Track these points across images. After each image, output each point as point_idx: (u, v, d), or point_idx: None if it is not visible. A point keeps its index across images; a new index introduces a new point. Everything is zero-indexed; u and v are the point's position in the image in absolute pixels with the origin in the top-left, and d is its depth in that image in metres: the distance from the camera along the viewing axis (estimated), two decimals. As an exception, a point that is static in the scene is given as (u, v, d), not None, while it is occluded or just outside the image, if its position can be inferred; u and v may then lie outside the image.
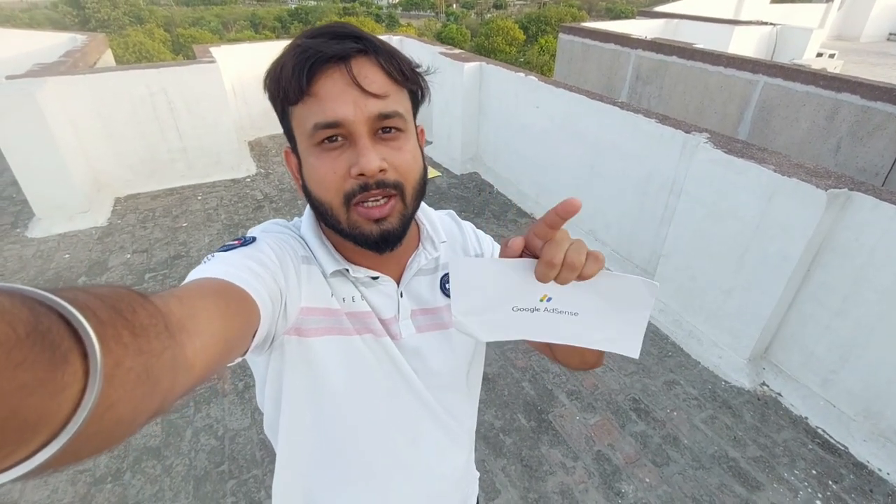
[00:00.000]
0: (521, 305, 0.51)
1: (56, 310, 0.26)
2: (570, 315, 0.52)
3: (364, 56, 0.56)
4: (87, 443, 0.27)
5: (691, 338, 2.72)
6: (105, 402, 0.26)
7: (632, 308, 0.51)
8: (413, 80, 0.60)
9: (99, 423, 0.27)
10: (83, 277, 3.22)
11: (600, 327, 0.52)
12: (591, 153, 3.38)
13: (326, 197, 0.58)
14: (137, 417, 0.30)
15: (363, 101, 0.55)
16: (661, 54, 5.62)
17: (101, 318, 0.27)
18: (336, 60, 0.54)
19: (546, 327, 0.52)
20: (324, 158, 0.57)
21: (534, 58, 23.35)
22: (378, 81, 0.56)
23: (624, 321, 0.52)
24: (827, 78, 4.13)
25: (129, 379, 0.28)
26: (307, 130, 0.56)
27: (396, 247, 0.62)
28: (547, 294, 0.51)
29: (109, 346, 0.27)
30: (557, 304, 0.51)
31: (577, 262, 0.46)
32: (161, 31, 29.63)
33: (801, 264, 2.17)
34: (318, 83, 0.54)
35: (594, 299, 0.51)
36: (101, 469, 1.99)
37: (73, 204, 3.74)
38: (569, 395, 2.39)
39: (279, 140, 5.59)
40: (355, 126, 0.55)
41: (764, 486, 1.99)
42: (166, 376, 0.32)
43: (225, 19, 44.10)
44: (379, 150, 0.57)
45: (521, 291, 0.50)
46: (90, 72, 3.92)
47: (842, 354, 2.17)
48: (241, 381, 2.43)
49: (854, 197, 2.02)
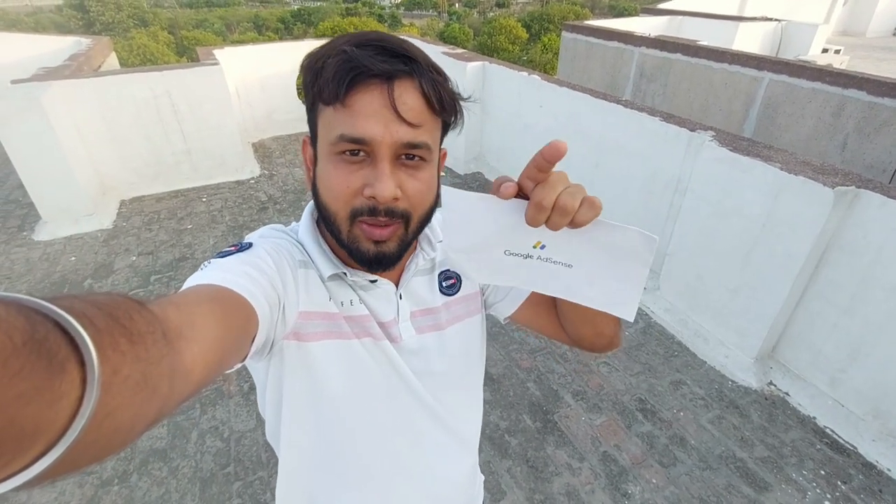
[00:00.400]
0: (513, 250, 0.49)
1: (53, 318, 0.26)
2: (563, 266, 0.50)
3: (409, 78, 0.54)
4: (85, 451, 0.26)
5: (697, 337, 2.70)
6: (103, 410, 0.26)
7: (629, 264, 0.49)
8: (451, 112, 0.59)
9: (97, 432, 0.26)
10: (89, 280, 3.24)
11: (595, 282, 0.50)
12: (596, 152, 3.37)
13: (334, 206, 0.58)
14: (136, 425, 0.30)
15: (395, 126, 0.54)
16: (664, 52, 5.59)
17: (98, 326, 0.27)
18: (380, 78, 0.53)
19: (538, 277, 0.51)
20: (341, 169, 0.56)
21: (537, 56, 23.32)
22: (416, 109, 0.54)
23: (620, 278, 0.50)
24: (833, 74, 4.09)
25: (126, 386, 0.28)
26: (332, 137, 0.55)
27: (389, 269, 0.62)
28: (541, 241, 0.48)
29: (107, 353, 0.27)
30: (551, 254, 0.49)
31: (570, 206, 0.43)
32: (165, 33, 29.80)
33: (809, 262, 2.15)
34: (356, 96, 0.53)
35: (589, 251, 0.49)
36: (107, 471, 2.00)
37: (79, 207, 3.76)
38: (574, 395, 2.38)
39: (282, 142, 5.61)
40: (381, 148, 0.54)
41: (772, 486, 1.97)
42: (164, 383, 0.32)
43: (228, 21, 44.30)
44: (397, 175, 0.56)
45: (514, 234, 0.48)
46: (95, 75, 3.94)
47: (850, 353, 2.15)
48: (247, 382, 2.43)
49: (861, 194, 2.00)
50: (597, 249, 0.48)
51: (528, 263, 0.50)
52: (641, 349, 2.68)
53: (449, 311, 0.73)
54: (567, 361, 2.58)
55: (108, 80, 3.87)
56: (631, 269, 0.49)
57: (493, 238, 0.48)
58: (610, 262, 0.49)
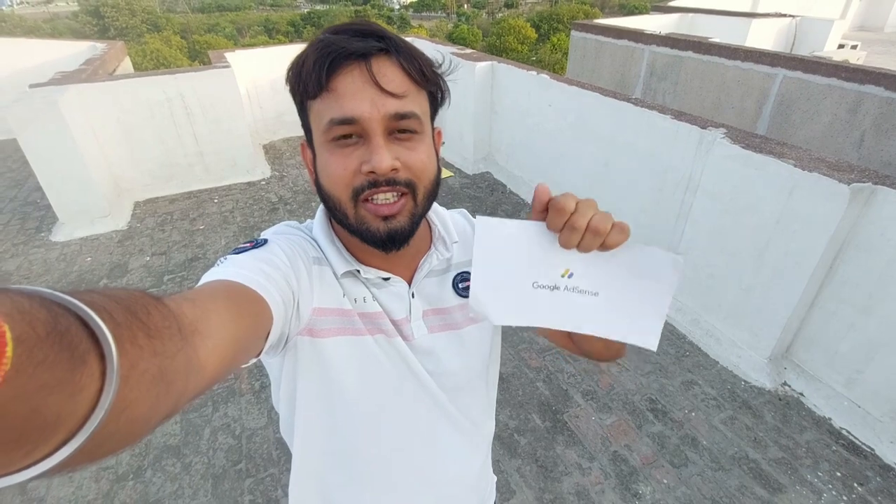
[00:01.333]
0: (542, 281, 0.50)
1: (74, 312, 0.26)
2: (589, 295, 0.51)
3: (385, 55, 0.56)
4: (103, 443, 0.27)
5: (710, 337, 2.67)
6: (121, 403, 0.27)
7: (654, 286, 0.50)
8: (433, 82, 0.60)
9: (115, 424, 0.27)
10: (104, 280, 3.29)
11: (619, 310, 0.51)
12: (606, 150, 3.35)
13: (336, 191, 0.58)
14: (152, 418, 0.31)
15: (381, 100, 0.54)
16: (675, 49, 5.54)
17: (117, 321, 0.28)
18: (357, 57, 0.54)
19: (563, 311, 0.51)
20: (337, 154, 0.57)
21: (546, 56, 23.23)
22: (397, 81, 0.56)
23: (644, 302, 0.50)
24: (849, 70, 4.02)
25: (144, 380, 0.29)
26: (323, 125, 0.56)
27: (403, 246, 0.61)
28: (569, 269, 0.50)
29: (125, 347, 0.27)
30: (578, 282, 0.50)
31: (602, 228, 0.46)
32: (177, 38, 30.23)
33: (824, 261, 2.12)
34: (338, 79, 0.54)
35: (616, 276, 0.50)
36: (123, 467, 2.04)
37: (95, 208, 3.82)
38: (584, 395, 2.37)
39: (293, 143, 5.65)
40: (371, 124, 0.55)
41: (786, 488, 1.94)
42: (180, 378, 0.33)
43: (239, 25, 44.79)
44: (392, 149, 0.56)
45: (544, 263, 0.49)
46: (110, 79, 4.01)
47: (867, 353, 2.11)
48: (258, 380, 2.45)
49: (878, 191, 1.96)
50: (623, 274, 0.49)
51: (553, 296, 0.50)
52: (652, 349, 2.65)
53: (463, 313, 0.73)
54: (577, 361, 2.57)
55: (123, 84, 3.93)
56: (656, 293, 0.50)
57: (524, 268, 0.49)
58: (636, 287, 0.50)
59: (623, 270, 0.49)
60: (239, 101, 4.43)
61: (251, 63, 5.25)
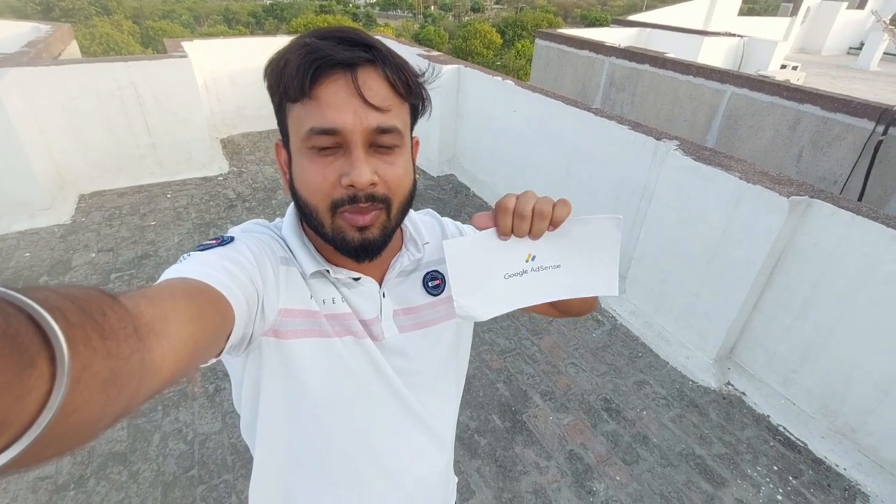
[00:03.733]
0: (511, 271, 0.58)
1: (25, 310, 0.26)
2: (553, 269, 0.59)
3: (371, 66, 0.55)
4: (49, 445, 0.26)
5: (661, 339, 2.79)
6: (70, 406, 0.26)
7: (604, 246, 0.59)
8: (416, 94, 0.60)
9: (63, 426, 0.26)
10: (45, 277, 3.10)
11: (581, 273, 0.60)
12: (567, 157, 3.44)
13: (313, 201, 0.58)
14: (101, 421, 0.30)
15: (364, 112, 0.54)
16: (634, 62, 5.76)
17: (70, 321, 0.27)
18: (343, 67, 0.53)
19: (536, 288, 0.59)
20: (316, 163, 0.56)
21: (510, 62, 23.58)
22: (382, 94, 0.55)
23: (599, 261, 0.60)
24: (790, 89, 4.30)
25: (95, 382, 0.28)
26: (303, 132, 0.55)
27: (375, 258, 0.62)
28: (531, 253, 0.58)
29: (78, 349, 0.27)
30: (541, 261, 0.58)
31: (546, 209, 0.54)
32: (129, 23, 28.75)
33: (765, 268, 2.26)
34: (321, 87, 0.53)
35: (571, 246, 0.58)
36: (63, 476, 1.92)
37: (35, 200, 3.58)
38: (542, 395, 2.43)
39: (252, 138, 5.50)
40: (352, 136, 0.54)
41: (728, 482, 2.06)
42: (133, 380, 0.32)
43: (197, 13, 43.08)
44: (372, 162, 0.56)
45: (508, 256, 0.57)
46: (55, 63, 3.77)
47: (802, 354, 2.27)
48: (212, 384, 2.37)
49: (814, 204, 2.11)
50: (576, 243, 0.58)
51: (525, 279, 0.59)
52: (607, 350, 2.75)
53: (434, 311, 0.74)
54: (536, 362, 2.63)
55: (70, 69, 3.71)
56: (606, 250, 0.59)
57: (493, 267, 0.57)
58: (588, 249, 0.59)
59: (575, 240, 0.58)
60: (196, 92, 4.27)
61: (210, 54, 5.07)
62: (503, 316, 2.91)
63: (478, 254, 0.56)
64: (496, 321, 2.90)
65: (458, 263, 0.55)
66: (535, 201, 0.55)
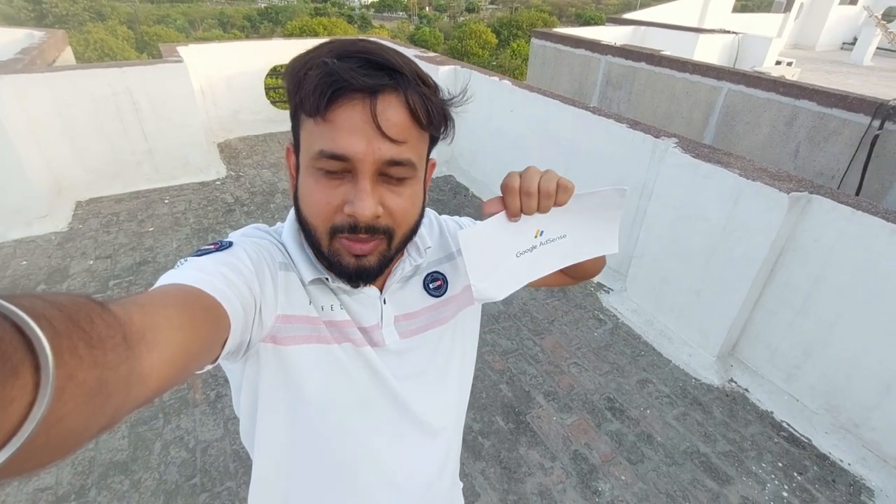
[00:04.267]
0: (522, 248, 0.60)
1: (9, 318, 0.25)
2: (560, 240, 0.62)
3: (394, 92, 0.52)
4: (32, 456, 0.26)
5: (663, 337, 2.79)
6: (54, 416, 0.26)
7: (607, 213, 0.63)
8: (438, 125, 0.58)
9: (46, 437, 0.26)
10: (42, 285, 3.08)
11: (586, 239, 0.63)
12: (565, 156, 3.44)
13: (314, 221, 0.57)
14: (87, 431, 0.29)
15: (377, 143, 0.52)
16: (630, 60, 5.76)
17: (56, 329, 0.27)
18: (362, 92, 0.51)
19: (546, 260, 0.62)
20: (322, 185, 0.55)
21: (506, 61, 23.62)
22: (400, 125, 0.53)
23: (603, 227, 0.64)
24: (786, 85, 4.31)
25: (81, 392, 0.27)
26: (313, 151, 0.54)
27: (369, 282, 0.63)
28: (539, 229, 0.60)
29: (64, 358, 0.26)
30: (549, 234, 0.61)
31: (551, 188, 0.56)
32: (124, 28, 28.71)
33: (766, 264, 2.26)
34: (337, 111, 0.51)
35: (577, 218, 0.61)
36: (63, 486, 1.90)
37: (32, 208, 3.56)
38: (546, 396, 2.42)
39: (250, 142, 5.48)
40: (362, 165, 0.53)
41: (734, 479, 2.05)
42: (120, 389, 0.31)
43: (191, 18, 43.04)
44: (378, 192, 0.55)
45: (518, 235, 0.59)
46: (49, 70, 3.75)
47: (804, 350, 2.27)
48: (213, 390, 2.36)
49: (814, 200, 2.11)
50: (583, 214, 0.61)
51: (535, 253, 0.61)
52: (610, 349, 2.74)
53: (436, 313, 0.73)
54: (538, 363, 2.62)
55: (64, 76, 3.69)
56: (609, 218, 0.63)
57: (506, 247, 0.59)
58: (594, 219, 0.62)
59: (582, 212, 0.61)
60: (192, 97, 4.25)
61: (205, 58, 5.05)
62: (504, 317, 2.91)
63: (491, 238, 0.57)
64: (497, 322, 2.89)
65: (473, 251, 0.57)
66: (540, 177, 0.56)
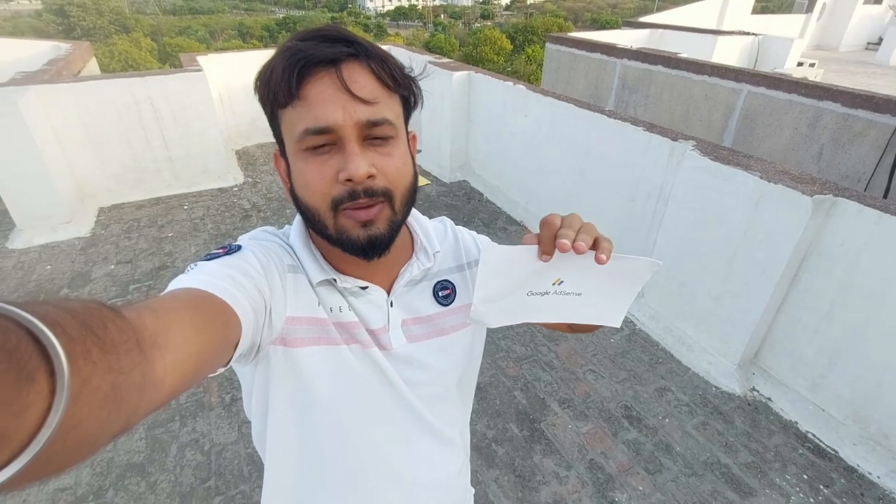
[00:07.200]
0: (535, 290, 0.56)
1: (25, 326, 0.25)
2: (573, 295, 0.57)
3: (355, 60, 0.55)
4: (49, 461, 0.26)
5: (682, 344, 2.73)
6: (70, 422, 0.26)
7: (631, 285, 0.57)
8: (405, 86, 0.59)
9: (62, 442, 0.26)
10: (65, 289, 3.15)
11: (597, 304, 0.58)
12: (580, 160, 3.40)
13: (314, 201, 0.57)
14: (102, 436, 0.30)
15: (352, 107, 0.54)
16: (646, 63, 5.70)
17: (70, 335, 0.27)
18: (326, 64, 0.53)
19: (551, 309, 0.58)
20: (312, 163, 0.56)
21: (521, 67, 23.62)
22: (368, 87, 0.55)
23: (619, 296, 0.58)
24: (809, 86, 4.21)
25: (95, 398, 0.28)
26: (296, 135, 0.55)
27: (384, 253, 0.61)
28: (559, 278, 0.56)
29: (78, 364, 0.26)
30: (567, 287, 0.56)
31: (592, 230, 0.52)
32: (147, 39, 29.53)
33: (789, 269, 2.19)
34: (308, 87, 0.53)
35: (600, 280, 0.56)
36: (82, 487, 1.93)
37: (56, 214, 3.66)
38: (561, 403, 2.38)
39: (267, 149, 5.56)
40: (344, 131, 0.54)
41: (756, 491, 1.99)
42: (134, 394, 0.32)
43: (212, 29, 44.09)
44: (368, 155, 0.56)
45: (538, 276, 0.55)
46: (74, 80, 3.86)
47: (830, 358, 2.19)
48: (228, 393, 2.38)
49: (839, 203, 2.04)
50: (607, 277, 0.56)
51: (543, 299, 0.57)
52: (627, 356, 2.69)
53: (444, 321, 0.73)
54: (553, 369, 2.58)
55: (88, 85, 3.80)
56: (629, 290, 0.57)
57: (521, 282, 0.56)
58: (615, 286, 0.57)
59: (606, 274, 0.55)
60: (211, 105, 4.33)
61: (224, 67, 5.16)
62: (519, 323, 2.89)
63: (511, 265, 0.55)
64: (511, 328, 2.86)
65: (489, 271, 0.55)
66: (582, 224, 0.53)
